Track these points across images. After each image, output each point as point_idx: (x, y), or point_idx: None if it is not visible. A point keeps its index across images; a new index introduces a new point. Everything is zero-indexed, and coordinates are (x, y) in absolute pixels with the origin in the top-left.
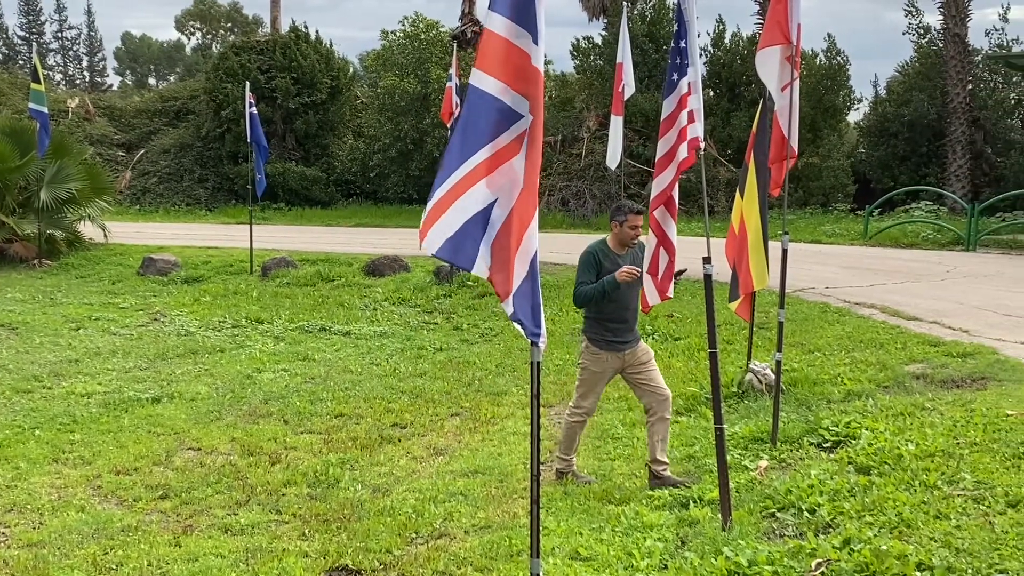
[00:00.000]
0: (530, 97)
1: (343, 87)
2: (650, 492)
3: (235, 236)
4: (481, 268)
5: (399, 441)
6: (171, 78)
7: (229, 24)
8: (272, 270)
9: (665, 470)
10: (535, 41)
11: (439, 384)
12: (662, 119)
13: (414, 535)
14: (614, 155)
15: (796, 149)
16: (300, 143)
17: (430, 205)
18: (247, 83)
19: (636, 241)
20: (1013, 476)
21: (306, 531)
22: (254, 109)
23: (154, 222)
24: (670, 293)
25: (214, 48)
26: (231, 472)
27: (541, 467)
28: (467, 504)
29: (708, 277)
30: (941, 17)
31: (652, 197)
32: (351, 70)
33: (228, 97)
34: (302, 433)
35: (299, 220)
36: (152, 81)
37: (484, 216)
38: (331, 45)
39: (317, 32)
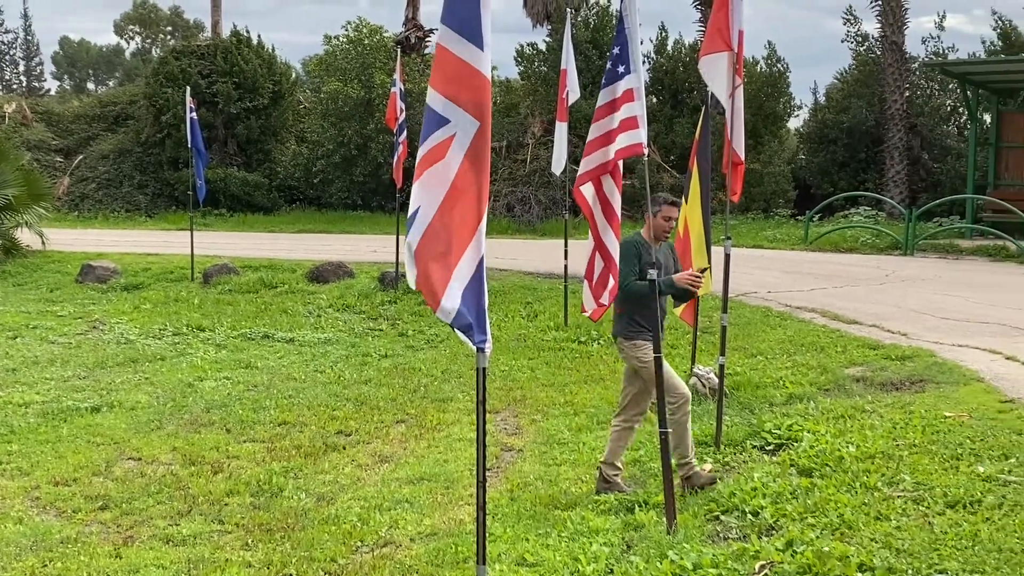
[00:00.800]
0: (474, 103)
1: (286, 92)
2: (596, 497)
3: (176, 243)
4: (411, 277)
5: (344, 449)
6: (110, 83)
7: (169, 28)
8: (214, 277)
9: (698, 467)
10: (480, 48)
11: (384, 391)
12: (598, 106)
13: (359, 544)
14: (559, 161)
15: (742, 155)
16: (242, 148)
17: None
18: (188, 88)
19: (667, 234)
20: (951, 477)
21: (249, 541)
22: (194, 114)
23: (93, 229)
24: (605, 301)
25: (154, 53)
26: (172, 482)
27: (487, 473)
28: (413, 511)
29: (652, 282)
30: (879, 25)
31: (579, 175)
32: (293, 75)
33: (168, 102)
34: (245, 442)
35: (241, 226)
36: (91, 86)
37: (413, 220)
38: (273, 50)
39: (259, 37)
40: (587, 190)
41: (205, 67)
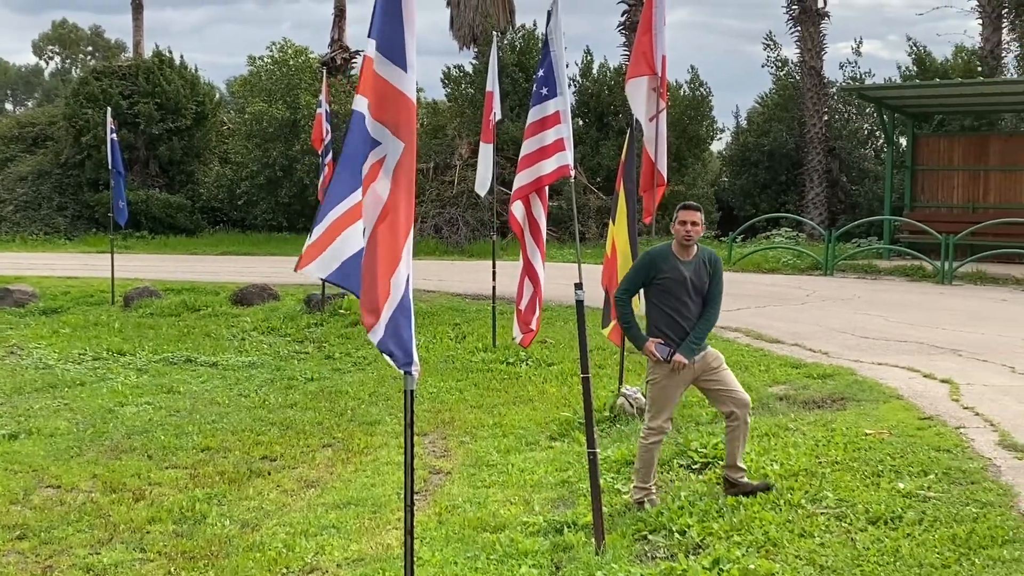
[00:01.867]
0: (398, 124)
1: (209, 113)
2: (525, 519)
3: (96, 265)
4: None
5: (269, 474)
6: (29, 103)
7: (90, 48)
8: (135, 300)
9: (743, 476)
10: (404, 69)
11: (310, 415)
12: (527, 125)
13: (285, 570)
14: (484, 182)
15: (666, 177)
16: (164, 170)
17: (319, 231)
18: (108, 109)
19: (690, 240)
20: (873, 493)
21: (172, 569)
22: (115, 135)
23: (10, 252)
24: (534, 325)
25: (74, 73)
26: (93, 510)
27: (415, 496)
28: (339, 537)
29: (580, 303)
30: (798, 51)
31: (512, 193)
32: (217, 96)
33: (89, 123)
34: (167, 468)
35: (163, 248)
36: (9, 107)
37: (356, 240)
38: (196, 70)
39: (182, 57)
40: (518, 209)
41: (127, 87)
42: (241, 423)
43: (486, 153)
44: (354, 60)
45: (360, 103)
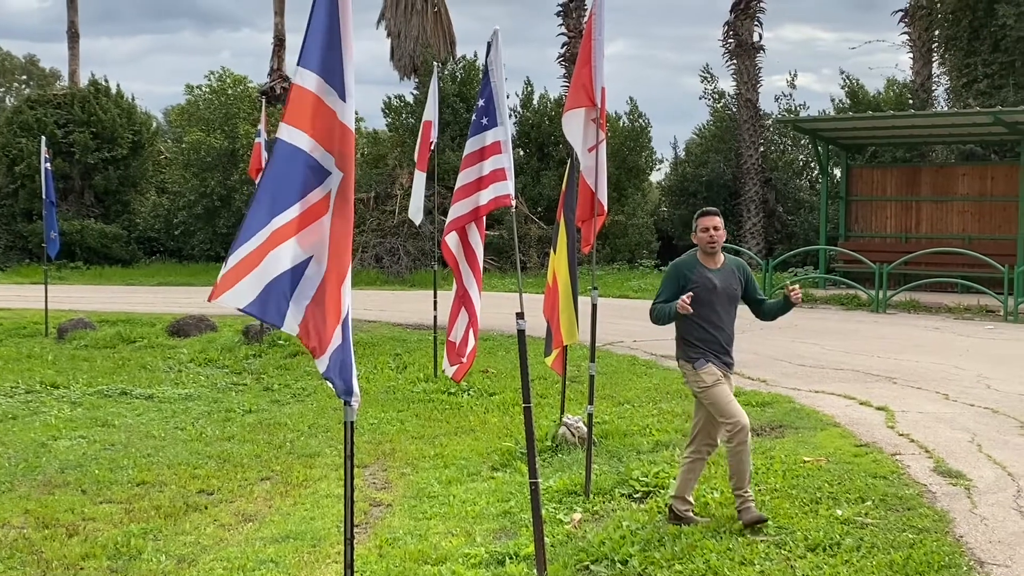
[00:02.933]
0: (339, 154)
1: (146, 142)
2: (467, 551)
3: (29, 297)
4: (292, 325)
5: (206, 508)
6: None
7: (24, 77)
8: (69, 332)
9: (752, 503)
10: (343, 98)
11: (248, 447)
12: (464, 155)
13: None
14: (417, 210)
15: (606, 207)
16: (100, 199)
17: (234, 260)
18: (43, 138)
19: (714, 246)
20: (811, 521)
21: None
22: (49, 165)
23: None
24: (467, 358)
25: (8, 102)
26: (24, 546)
27: (355, 529)
28: (278, 571)
29: (521, 332)
30: (734, 83)
31: (446, 224)
32: (154, 125)
33: (23, 152)
34: (101, 503)
35: (98, 279)
36: None
37: (297, 273)
38: (133, 99)
39: (118, 86)
40: (452, 240)
41: (62, 117)
42: (177, 456)
43: (420, 181)
44: None
45: (290, 132)
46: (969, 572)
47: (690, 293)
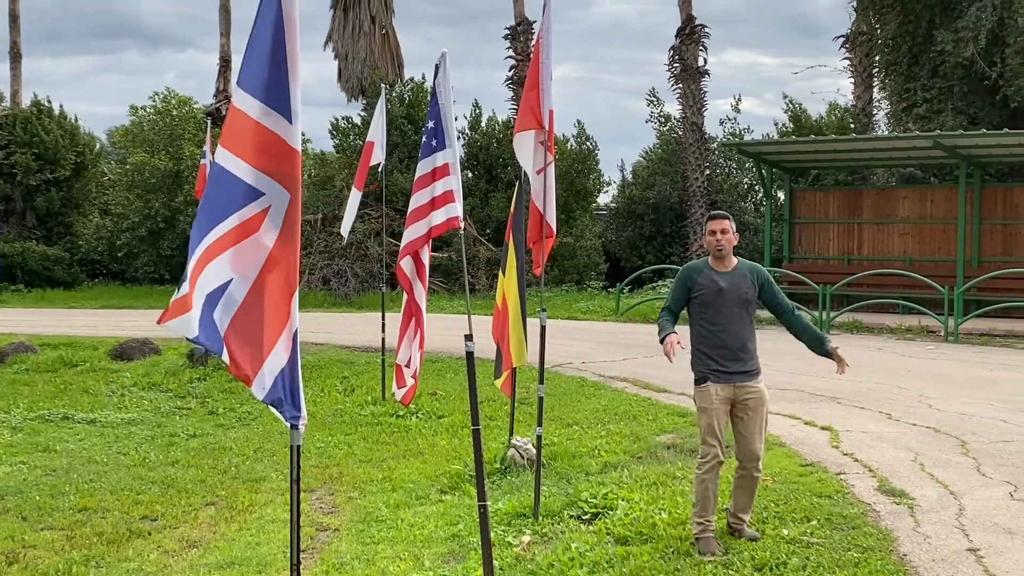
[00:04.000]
0: (285, 175)
1: (89, 163)
2: (414, 575)
3: None
4: (226, 354)
5: (149, 535)
6: None
7: None
8: (9, 356)
9: (745, 525)
10: (289, 120)
11: (192, 472)
12: (416, 177)
13: None
14: (347, 226)
15: (555, 228)
16: (42, 221)
17: (183, 289)
18: None
19: (722, 250)
20: (758, 541)
21: None
22: None
23: None
24: (414, 378)
25: None
26: None
27: (302, 555)
28: None
29: (470, 355)
30: (680, 107)
31: (401, 247)
32: (98, 146)
33: None
34: (42, 530)
35: (40, 302)
36: None
37: (220, 294)
38: (76, 120)
39: (61, 107)
40: (407, 264)
41: (3, 138)
42: (120, 482)
43: (354, 200)
44: None
45: (224, 156)
46: None
47: (679, 341)
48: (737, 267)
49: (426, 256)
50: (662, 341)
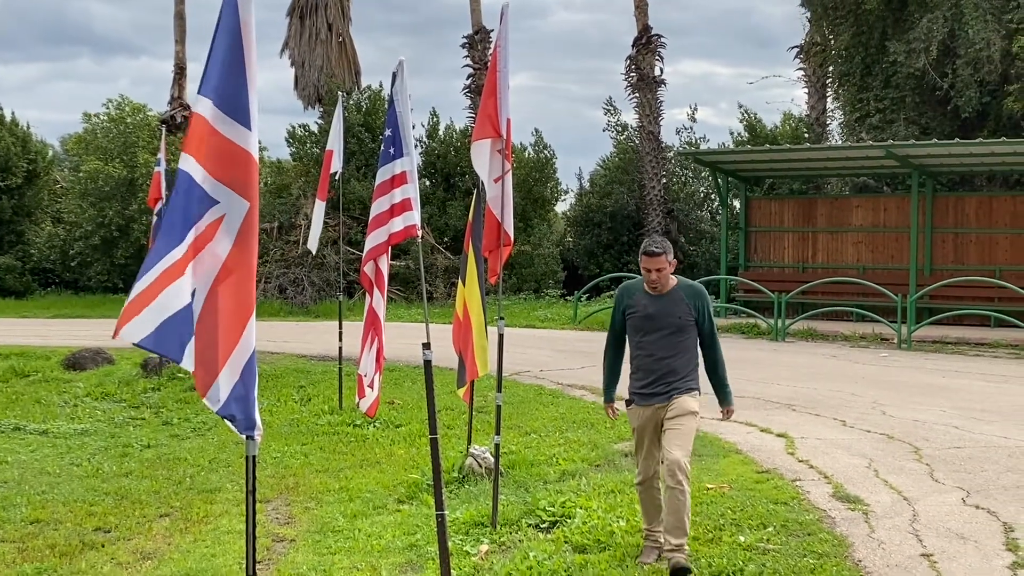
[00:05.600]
0: (242, 183)
1: (41, 171)
2: None
3: None
4: (188, 361)
5: (103, 546)
6: None
7: None
8: None
9: (676, 551)
10: (247, 126)
11: (147, 483)
12: (376, 185)
13: None
14: (314, 239)
15: (512, 237)
16: None
17: (134, 292)
18: None
19: (657, 288)
20: (715, 548)
21: None
22: None
23: None
24: (376, 387)
25: None
26: None
27: (257, 566)
28: None
29: (428, 363)
30: (637, 116)
31: (364, 254)
32: (50, 153)
33: None
34: None
35: None
36: None
37: (187, 308)
38: (28, 127)
39: (13, 114)
40: (370, 269)
41: None
42: (73, 493)
43: (319, 210)
44: None
45: (188, 162)
46: None
47: (616, 410)
48: (674, 290)
49: (385, 265)
50: (604, 381)
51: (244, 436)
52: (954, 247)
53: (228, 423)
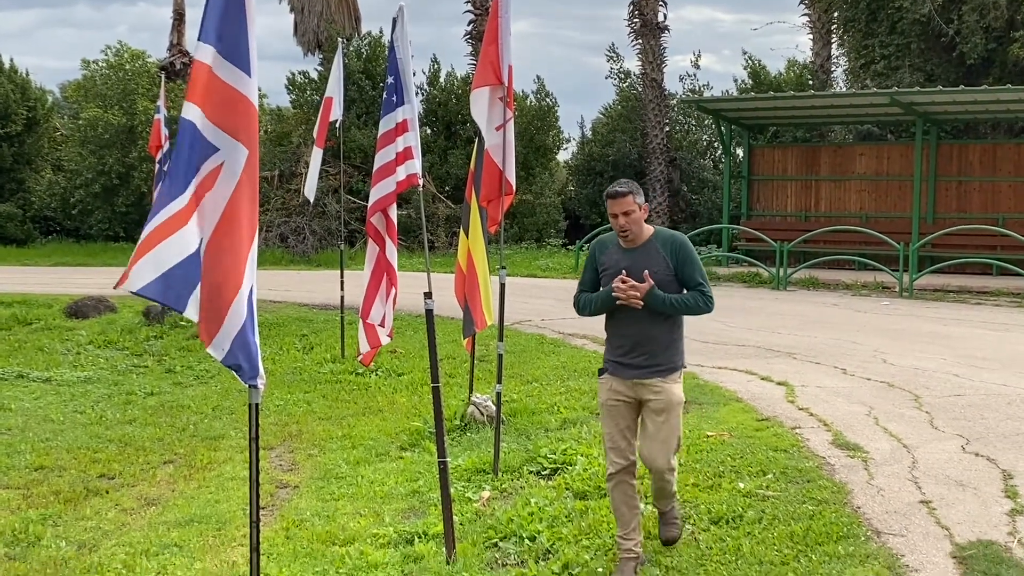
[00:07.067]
0: (242, 130)
1: (41, 119)
2: (375, 531)
3: None
4: (192, 311)
5: (107, 493)
6: None
7: None
8: None
9: (671, 517)
10: (247, 73)
11: (150, 430)
12: (380, 134)
13: None
14: (311, 186)
15: (514, 186)
16: None
17: (139, 242)
18: None
19: (627, 234)
20: (714, 494)
21: None
22: None
23: None
24: (389, 335)
25: None
26: None
27: (261, 512)
28: (182, 555)
29: (429, 312)
30: (640, 63)
31: (370, 205)
32: (50, 101)
33: None
34: None
35: None
36: None
37: (194, 256)
38: (27, 74)
39: (12, 61)
40: (379, 221)
41: None
42: (77, 440)
43: (316, 158)
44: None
45: (191, 110)
46: (867, 542)
47: (624, 283)
48: (649, 242)
49: (394, 213)
50: (599, 304)
51: (247, 384)
52: (957, 195)
53: (232, 371)
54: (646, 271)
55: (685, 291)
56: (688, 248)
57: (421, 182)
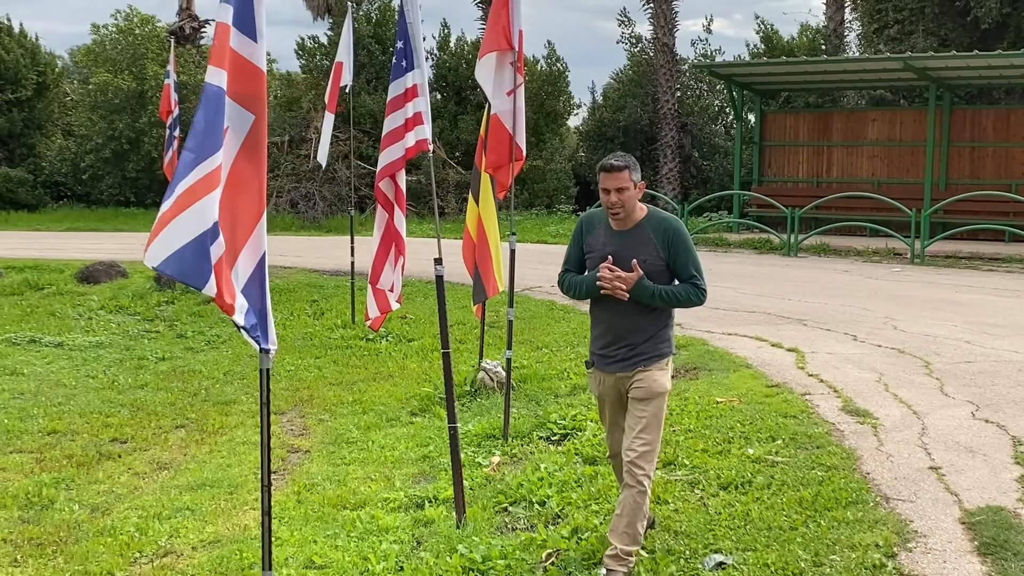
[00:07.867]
0: (251, 96)
1: (51, 83)
2: (386, 496)
3: None
4: (211, 288)
5: (119, 457)
6: None
7: None
8: None
9: (618, 559)
10: (253, 38)
11: (162, 395)
12: (389, 99)
13: (137, 555)
14: (323, 152)
15: (524, 151)
16: (4, 143)
17: (161, 213)
18: None
19: (618, 213)
20: (723, 460)
21: (18, 557)
22: None
23: None
24: (398, 302)
25: None
26: None
27: (273, 476)
28: (194, 519)
29: (440, 278)
30: (651, 28)
31: (379, 170)
32: (59, 65)
33: None
34: (11, 452)
35: (3, 224)
36: None
37: (215, 229)
38: (37, 39)
39: (21, 25)
40: (387, 187)
41: None
42: (89, 405)
43: (328, 123)
44: (203, 29)
45: (217, 75)
46: (875, 508)
47: (609, 269)
48: (640, 226)
49: (403, 180)
50: (585, 289)
51: (259, 349)
52: (970, 161)
53: (246, 335)
54: (635, 260)
55: (677, 282)
56: (683, 236)
57: (431, 148)
